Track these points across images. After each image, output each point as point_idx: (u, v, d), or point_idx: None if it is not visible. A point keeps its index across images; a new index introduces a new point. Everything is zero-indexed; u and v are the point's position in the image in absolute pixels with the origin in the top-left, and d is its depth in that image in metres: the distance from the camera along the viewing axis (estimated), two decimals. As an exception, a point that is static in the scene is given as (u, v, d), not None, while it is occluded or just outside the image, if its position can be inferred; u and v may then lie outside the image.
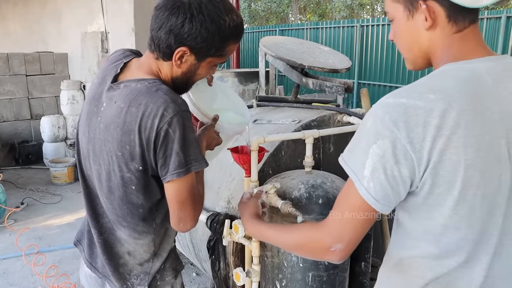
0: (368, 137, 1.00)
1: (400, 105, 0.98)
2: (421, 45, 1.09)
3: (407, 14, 1.07)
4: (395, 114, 0.97)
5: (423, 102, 0.97)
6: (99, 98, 1.42)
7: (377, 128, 0.99)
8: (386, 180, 0.99)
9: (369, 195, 1.01)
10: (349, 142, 1.08)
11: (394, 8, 1.10)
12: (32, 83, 7.07)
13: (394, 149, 0.97)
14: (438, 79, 1.02)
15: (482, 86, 1.01)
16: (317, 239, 1.13)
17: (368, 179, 1.00)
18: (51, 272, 3.64)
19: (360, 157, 1.02)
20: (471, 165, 0.97)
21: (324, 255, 1.12)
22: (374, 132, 0.99)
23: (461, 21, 1.04)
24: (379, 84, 8.62)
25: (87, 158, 1.49)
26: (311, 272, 2.01)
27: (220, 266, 2.42)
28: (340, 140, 2.68)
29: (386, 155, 0.97)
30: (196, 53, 1.34)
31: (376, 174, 0.99)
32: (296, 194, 1.98)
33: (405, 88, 1.03)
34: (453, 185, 0.99)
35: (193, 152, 1.32)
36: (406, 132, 0.96)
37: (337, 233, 1.08)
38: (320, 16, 20.82)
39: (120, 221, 1.47)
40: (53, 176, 6.08)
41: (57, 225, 4.76)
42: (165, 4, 1.29)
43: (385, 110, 0.99)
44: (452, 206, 1.01)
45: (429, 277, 1.08)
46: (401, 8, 1.08)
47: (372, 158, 0.99)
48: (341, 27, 9.48)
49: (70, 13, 7.06)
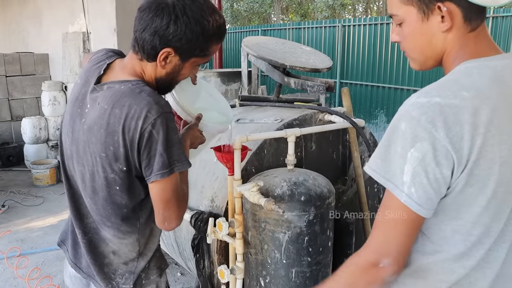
0: (405, 141, 0.96)
1: (435, 104, 0.95)
2: (435, 46, 1.08)
3: (422, 17, 1.05)
4: (431, 114, 0.94)
5: (458, 100, 0.95)
6: (82, 99, 1.43)
7: (414, 130, 0.95)
8: (429, 184, 0.96)
9: (412, 201, 0.97)
10: (376, 149, 1.04)
11: (405, 11, 1.07)
12: (12, 84, 6.97)
13: (434, 150, 0.94)
14: (467, 76, 1.01)
15: (505, 83, 1.01)
16: (363, 262, 1.07)
17: (409, 185, 0.96)
18: (34, 274, 3.61)
19: (396, 163, 0.98)
20: (505, 162, 0.97)
21: (375, 275, 1.05)
22: (411, 135, 0.95)
23: (475, 20, 1.03)
24: (361, 83, 8.71)
25: (70, 159, 1.49)
26: (295, 268, 2.04)
27: (204, 264, 2.44)
28: (321, 138, 2.73)
29: (426, 158, 0.94)
30: (180, 54, 1.36)
31: (417, 179, 0.95)
32: (279, 191, 2.01)
33: (434, 86, 1.01)
34: (487, 184, 0.97)
35: (176, 153, 1.34)
36: (445, 132, 0.93)
37: (381, 248, 1.04)
38: (302, 16, 20.90)
39: (104, 221, 1.47)
40: (35, 178, 6.01)
41: (39, 227, 4.71)
42: (149, 6, 1.31)
43: (421, 110, 0.95)
44: (484, 205, 0.99)
45: (452, 280, 1.06)
46: (414, 10, 1.05)
47: (411, 163, 0.95)
48: (323, 27, 9.53)
49: (51, 13, 6.98)
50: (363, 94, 8.69)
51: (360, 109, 8.75)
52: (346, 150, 2.90)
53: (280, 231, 2.01)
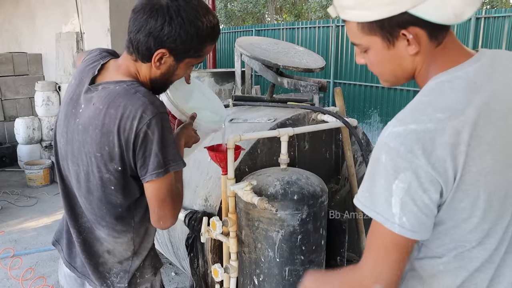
0: (387, 174, 0.95)
1: (411, 132, 0.94)
2: (405, 68, 1.06)
3: (387, 45, 1.03)
4: (409, 143, 0.93)
5: (434, 123, 0.94)
6: (77, 99, 1.43)
7: (395, 161, 0.94)
8: (419, 211, 0.95)
9: (406, 230, 0.96)
10: (363, 182, 1.03)
11: (368, 40, 1.04)
12: (5, 84, 6.94)
13: (418, 178, 0.92)
14: (439, 95, 0.99)
15: (480, 90, 0.99)
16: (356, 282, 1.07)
17: (399, 216, 0.95)
18: (28, 275, 3.60)
19: (383, 196, 0.97)
20: (491, 171, 0.96)
21: None
22: (393, 167, 0.94)
23: (440, 35, 1.02)
24: (354, 83, 8.74)
25: (65, 159, 1.50)
26: (288, 266, 2.06)
27: (198, 263, 2.45)
28: (314, 137, 2.75)
29: (412, 187, 0.93)
30: (175, 55, 1.37)
31: (407, 208, 0.94)
32: (272, 190, 2.03)
33: (408, 111, 0.99)
34: (478, 196, 0.97)
35: (171, 152, 1.35)
36: (426, 159, 0.92)
37: (376, 274, 1.03)
38: (296, 17, 20.93)
39: (99, 221, 1.48)
40: (29, 179, 5.99)
41: (33, 228, 4.70)
42: (143, 7, 1.32)
43: (398, 141, 0.94)
44: (480, 215, 0.99)
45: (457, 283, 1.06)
46: (378, 40, 1.03)
47: (397, 194, 0.94)
48: (317, 27, 9.56)
49: (44, 13, 6.96)
50: (357, 94, 8.73)
51: (354, 109, 8.79)
52: (339, 150, 2.92)
53: (273, 229, 2.02)
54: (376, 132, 8.46)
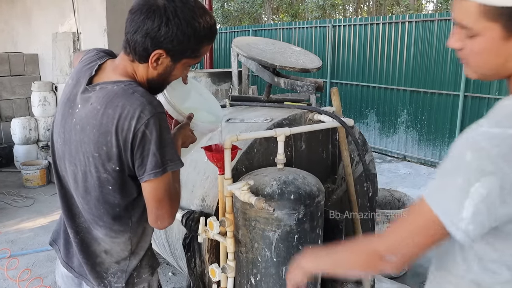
0: (469, 173, 0.88)
1: (509, 137, 0.86)
2: (508, 67, 0.98)
3: (505, 35, 0.93)
4: (504, 147, 0.86)
5: None
6: (73, 99, 1.44)
7: (482, 163, 0.86)
8: (488, 222, 0.89)
9: (469, 238, 0.90)
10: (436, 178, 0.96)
11: (485, 26, 0.94)
12: (1, 85, 6.92)
13: (502, 189, 0.85)
14: None
15: None
16: (372, 249, 1.06)
17: (468, 222, 0.88)
18: (25, 275, 3.60)
19: (456, 196, 0.89)
20: None
21: (376, 263, 1.04)
22: (478, 168, 0.87)
23: None
24: (351, 83, 8.76)
25: (62, 159, 1.50)
26: (285, 266, 2.06)
27: (195, 263, 2.46)
28: (311, 137, 2.76)
29: (491, 196, 0.86)
30: (172, 55, 1.38)
31: (479, 217, 0.88)
32: (269, 190, 2.03)
33: (504, 115, 0.92)
34: None
35: (169, 152, 1.36)
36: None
37: (393, 247, 1.01)
38: (293, 17, 20.93)
39: (96, 221, 1.49)
40: (25, 179, 5.98)
41: (29, 228, 4.69)
42: (140, 8, 1.32)
43: (492, 142, 0.87)
44: None
45: None
46: (498, 28, 0.93)
47: (473, 198, 0.87)
48: (314, 27, 9.57)
49: (40, 13, 6.94)
50: (354, 94, 8.74)
51: (351, 109, 8.80)
52: (335, 149, 2.93)
53: (270, 229, 2.03)
54: (372, 132, 8.49)
